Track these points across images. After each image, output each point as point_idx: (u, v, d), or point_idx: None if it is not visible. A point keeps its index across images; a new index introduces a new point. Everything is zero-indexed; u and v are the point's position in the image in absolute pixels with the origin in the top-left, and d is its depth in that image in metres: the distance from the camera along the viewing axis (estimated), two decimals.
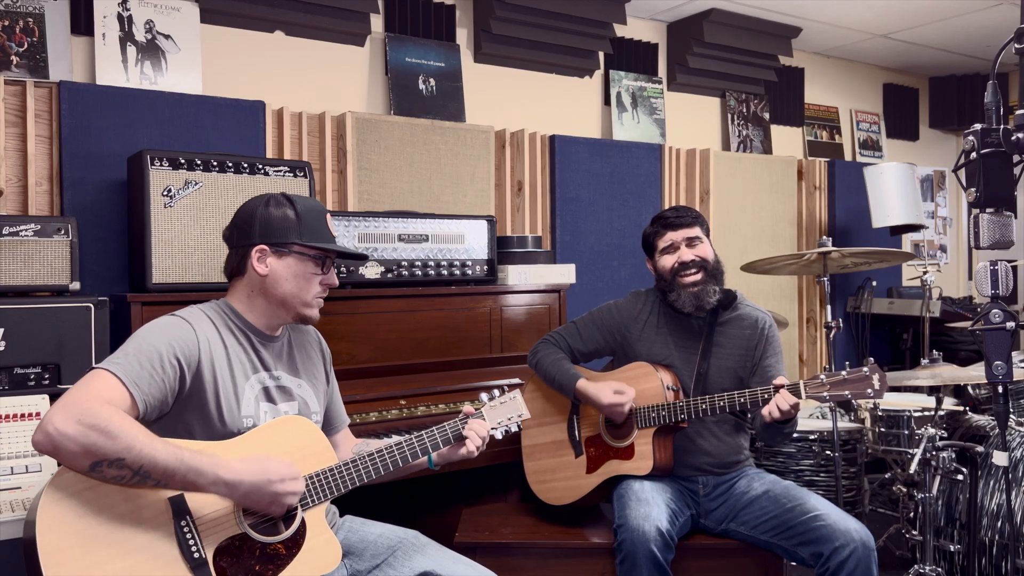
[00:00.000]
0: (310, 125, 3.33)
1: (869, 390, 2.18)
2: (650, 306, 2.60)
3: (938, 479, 2.83)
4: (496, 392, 2.07)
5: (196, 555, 1.62)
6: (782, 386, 2.23)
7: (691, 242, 2.49)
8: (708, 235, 2.56)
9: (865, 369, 2.19)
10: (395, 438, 1.94)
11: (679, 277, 2.48)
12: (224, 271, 1.94)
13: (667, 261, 2.51)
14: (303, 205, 1.90)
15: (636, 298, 2.64)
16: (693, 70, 4.58)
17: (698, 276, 2.46)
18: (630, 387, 2.43)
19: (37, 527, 1.52)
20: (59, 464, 1.59)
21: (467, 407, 2.03)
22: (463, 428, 1.97)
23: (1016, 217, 1.69)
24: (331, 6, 3.42)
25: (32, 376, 2.25)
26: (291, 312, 1.90)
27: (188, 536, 1.63)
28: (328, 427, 2.05)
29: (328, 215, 1.94)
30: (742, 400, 2.31)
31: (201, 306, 1.88)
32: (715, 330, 2.52)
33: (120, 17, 3.03)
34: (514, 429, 2.07)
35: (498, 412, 2.04)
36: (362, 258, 2.04)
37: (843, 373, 2.21)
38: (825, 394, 2.21)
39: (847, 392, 2.20)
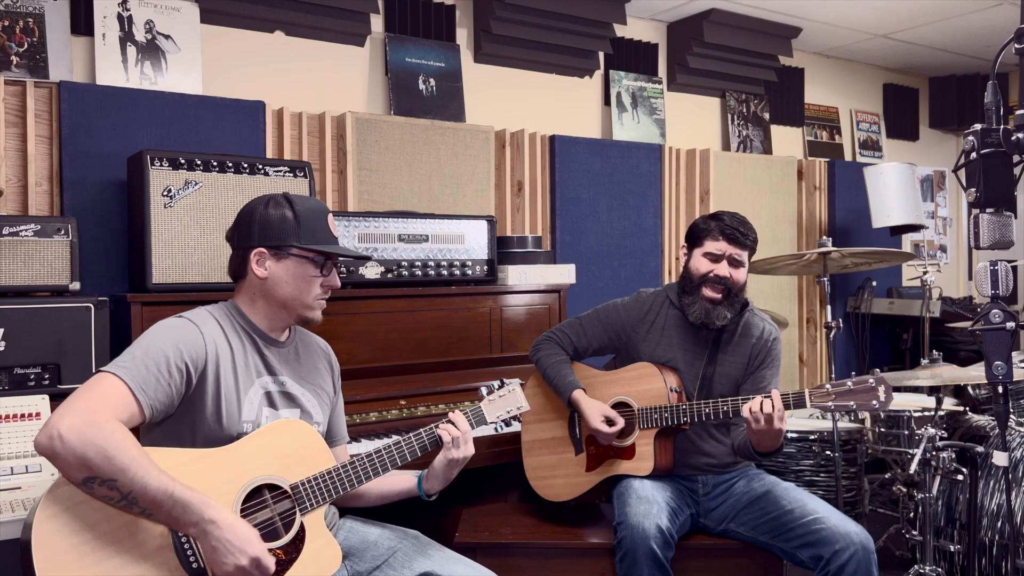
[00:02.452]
0: (310, 125, 3.33)
1: (874, 401, 2.16)
2: (658, 307, 2.58)
3: (938, 479, 2.83)
4: (495, 385, 2.07)
5: (195, 564, 1.62)
6: (788, 394, 2.24)
7: (735, 263, 2.45)
8: (750, 259, 2.52)
9: (871, 380, 2.18)
10: (395, 438, 1.94)
11: (704, 285, 2.45)
12: (228, 272, 1.93)
13: (703, 266, 2.45)
14: (303, 206, 1.88)
15: (643, 299, 2.62)
16: (693, 70, 4.57)
17: (718, 295, 2.44)
18: (621, 419, 2.43)
19: (33, 544, 1.51)
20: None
21: (455, 414, 2.00)
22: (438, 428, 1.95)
23: (1016, 217, 1.69)
24: (331, 6, 3.42)
25: (32, 376, 2.25)
26: (292, 314, 1.89)
27: (186, 545, 1.62)
28: (326, 441, 2.04)
29: (330, 216, 1.92)
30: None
31: (208, 308, 1.87)
32: (723, 337, 2.51)
33: (120, 17, 3.03)
34: (515, 423, 2.07)
35: (497, 405, 2.04)
36: (364, 259, 2.03)
37: (849, 383, 2.20)
38: (830, 403, 2.20)
39: (852, 403, 2.19)
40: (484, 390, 2.06)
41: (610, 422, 2.43)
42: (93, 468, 1.50)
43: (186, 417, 1.76)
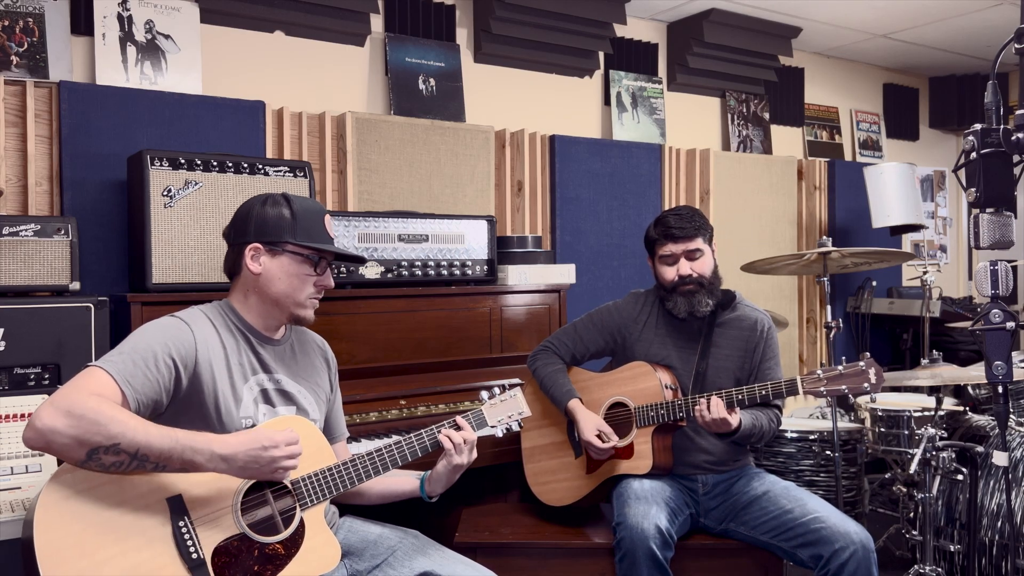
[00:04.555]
0: (310, 125, 3.33)
1: (866, 384, 2.19)
2: (649, 307, 2.60)
3: (938, 479, 2.83)
4: (496, 390, 2.06)
5: (194, 555, 1.62)
6: (780, 383, 2.29)
7: (691, 255, 2.47)
8: (711, 240, 2.53)
9: (861, 364, 2.21)
10: (395, 438, 1.94)
11: (677, 287, 2.48)
12: (224, 269, 1.94)
13: (667, 273, 2.50)
14: (300, 205, 1.89)
15: (635, 299, 2.64)
16: (693, 70, 4.57)
17: (691, 287, 2.47)
18: (615, 435, 2.44)
19: (35, 530, 1.52)
20: (59, 463, 1.59)
21: (461, 419, 2.01)
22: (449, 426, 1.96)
23: (1016, 217, 1.69)
24: (331, 6, 3.42)
25: (32, 376, 2.25)
26: (285, 312, 1.89)
27: (186, 536, 1.63)
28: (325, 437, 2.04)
29: (327, 216, 1.93)
30: (739, 397, 2.32)
31: (202, 307, 1.88)
32: (714, 331, 2.52)
33: (120, 17, 3.03)
34: (515, 428, 2.07)
35: (498, 410, 2.04)
36: (359, 260, 2.03)
37: (839, 368, 2.22)
38: (822, 389, 2.22)
39: (844, 387, 2.21)
40: (485, 394, 2.05)
41: (603, 437, 2.43)
42: (91, 440, 1.51)
43: (184, 416, 1.76)
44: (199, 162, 2.54)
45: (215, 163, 2.56)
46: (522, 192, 3.83)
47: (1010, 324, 1.69)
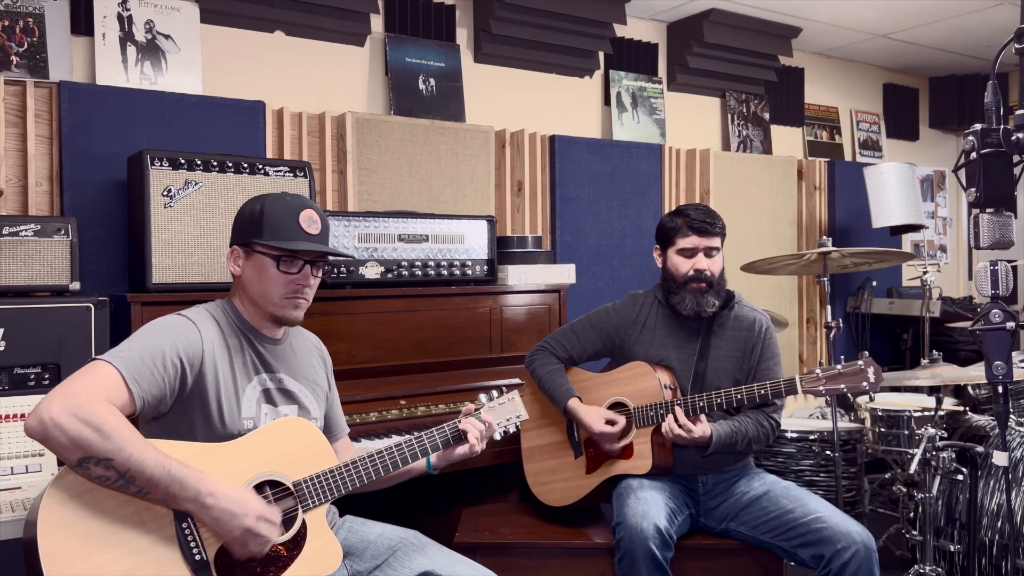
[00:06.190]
0: (310, 125, 3.33)
1: (864, 383, 2.20)
2: (648, 308, 2.59)
3: (938, 479, 2.83)
4: (495, 393, 2.08)
5: (198, 557, 1.62)
6: (779, 382, 2.27)
7: (710, 252, 2.47)
8: (723, 243, 2.53)
9: (860, 363, 2.21)
10: (395, 439, 1.94)
11: (688, 284, 2.48)
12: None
13: (682, 265, 2.48)
14: (273, 202, 1.84)
15: (634, 300, 2.64)
16: (693, 70, 4.57)
17: (703, 285, 2.47)
18: (622, 417, 2.44)
19: (39, 530, 1.51)
20: (60, 463, 1.59)
21: (468, 406, 2.04)
22: (460, 425, 1.97)
23: (1016, 217, 1.69)
24: (331, 6, 3.42)
25: (32, 376, 2.25)
26: (264, 313, 1.87)
27: (189, 538, 1.62)
28: (327, 435, 2.03)
29: (305, 212, 1.85)
30: (739, 396, 2.32)
31: (206, 306, 1.88)
32: (713, 331, 2.52)
33: (120, 17, 3.03)
34: (512, 430, 2.08)
35: (497, 413, 2.05)
36: (338, 255, 1.98)
37: (838, 367, 2.23)
38: (821, 388, 2.22)
39: (842, 386, 2.21)
40: (484, 397, 2.07)
41: (610, 423, 2.44)
42: (88, 448, 1.50)
43: (187, 416, 1.76)
44: (199, 162, 2.54)
45: (215, 163, 2.56)
46: (522, 192, 3.83)
47: (1010, 324, 1.69)
